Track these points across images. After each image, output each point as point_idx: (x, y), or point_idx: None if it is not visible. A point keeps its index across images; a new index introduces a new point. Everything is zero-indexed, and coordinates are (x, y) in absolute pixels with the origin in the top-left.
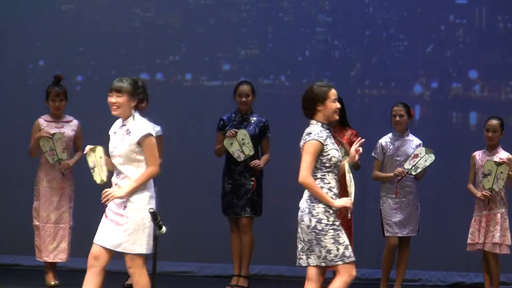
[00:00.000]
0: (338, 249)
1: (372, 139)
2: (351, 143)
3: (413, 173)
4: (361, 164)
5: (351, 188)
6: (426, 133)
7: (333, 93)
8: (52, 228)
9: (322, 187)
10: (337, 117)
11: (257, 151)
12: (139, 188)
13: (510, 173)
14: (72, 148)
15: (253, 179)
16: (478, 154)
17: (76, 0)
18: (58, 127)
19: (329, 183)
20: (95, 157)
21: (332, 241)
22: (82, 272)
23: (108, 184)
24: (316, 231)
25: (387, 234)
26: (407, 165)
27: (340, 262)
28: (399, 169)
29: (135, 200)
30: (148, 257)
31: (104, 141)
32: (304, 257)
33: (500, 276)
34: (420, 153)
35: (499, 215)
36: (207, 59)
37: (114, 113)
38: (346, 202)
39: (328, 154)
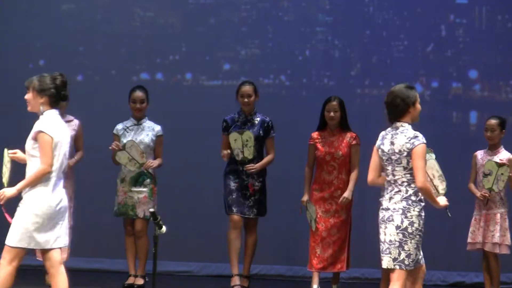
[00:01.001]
0: (416, 255)
1: (372, 139)
2: (350, 146)
3: None
4: None
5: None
6: (426, 132)
7: (418, 95)
8: None
9: (413, 188)
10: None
11: (262, 151)
12: (30, 185)
13: (510, 174)
14: (73, 148)
15: (260, 179)
16: (479, 154)
17: (75, 0)
18: None
19: None
20: (4, 159)
21: (415, 246)
22: (82, 272)
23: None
24: (405, 233)
25: None
26: None
27: (412, 267)
28: None
29: (26, 197)
30: (149, 257)
31: (103, 140)
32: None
33: (500, 275)
34: None
35: (498, 215)
36: (207, 59)
37: (28, 109)
38: (446, 200)
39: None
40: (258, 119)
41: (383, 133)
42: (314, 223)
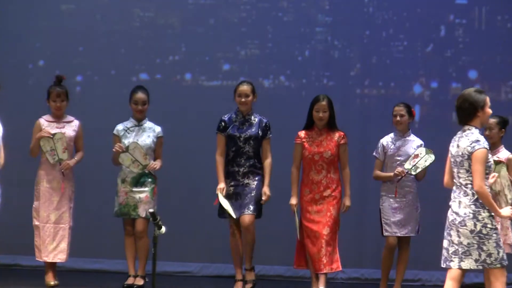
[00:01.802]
0: (498, 253)
1: (372, 139)
2: (338, 146)
3: (413, 173)
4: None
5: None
6: (426, 133)
7: (488, 99)
8: (52, 228)
9: None
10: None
11: (259, 151)
12: None
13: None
14: (73, 149)
15: (256, 178)
16: None
17: (75, 0)
18: (59, 127)
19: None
20: None
21: (494, 244)
22: (82, 272)
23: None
24: (481, 235)
25: (385, 233)
26: (407, 165)
27: (498, 265)
28: (399, 169)
29: None
30: (148, 257)
31: (102, 140)
32: (456, 259)
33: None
34: (420, 153)
35: None
36: (206, 59)
37: None
38: (511, 213)
39: (489, 162)
40: (256, 119)
41: (455, 136)
42: (299, 233)
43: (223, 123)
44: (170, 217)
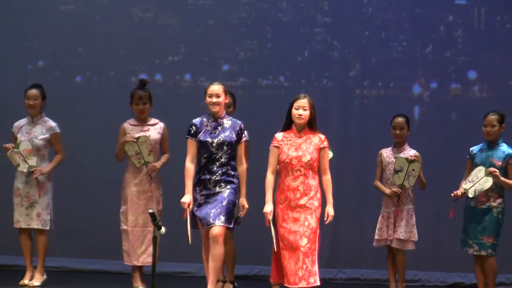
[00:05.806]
0: None
1: (371, 139)
2: (319, 149)
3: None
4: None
5: None
6: (425, 133)
7: None
8: (140, 231)
9: None
10: None
11: (235, 156)
12: None
13: (420, 171)
14: (158, 151)
15: (228, 187)
16: (385, 152)
17: (75, 1)
18: (144, 131)
19: None
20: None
21: None
22: (82, 272)
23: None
24: None
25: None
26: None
27: None
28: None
29: None
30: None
31: (103, 140)
32: None
33: (405, 272)
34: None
35: (405, 211)
36: (206, 60)
37: None
38: None
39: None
40: (230, 122)
41: None
42: (275, 244)
43: (194, 127)
44: (170, 218)
